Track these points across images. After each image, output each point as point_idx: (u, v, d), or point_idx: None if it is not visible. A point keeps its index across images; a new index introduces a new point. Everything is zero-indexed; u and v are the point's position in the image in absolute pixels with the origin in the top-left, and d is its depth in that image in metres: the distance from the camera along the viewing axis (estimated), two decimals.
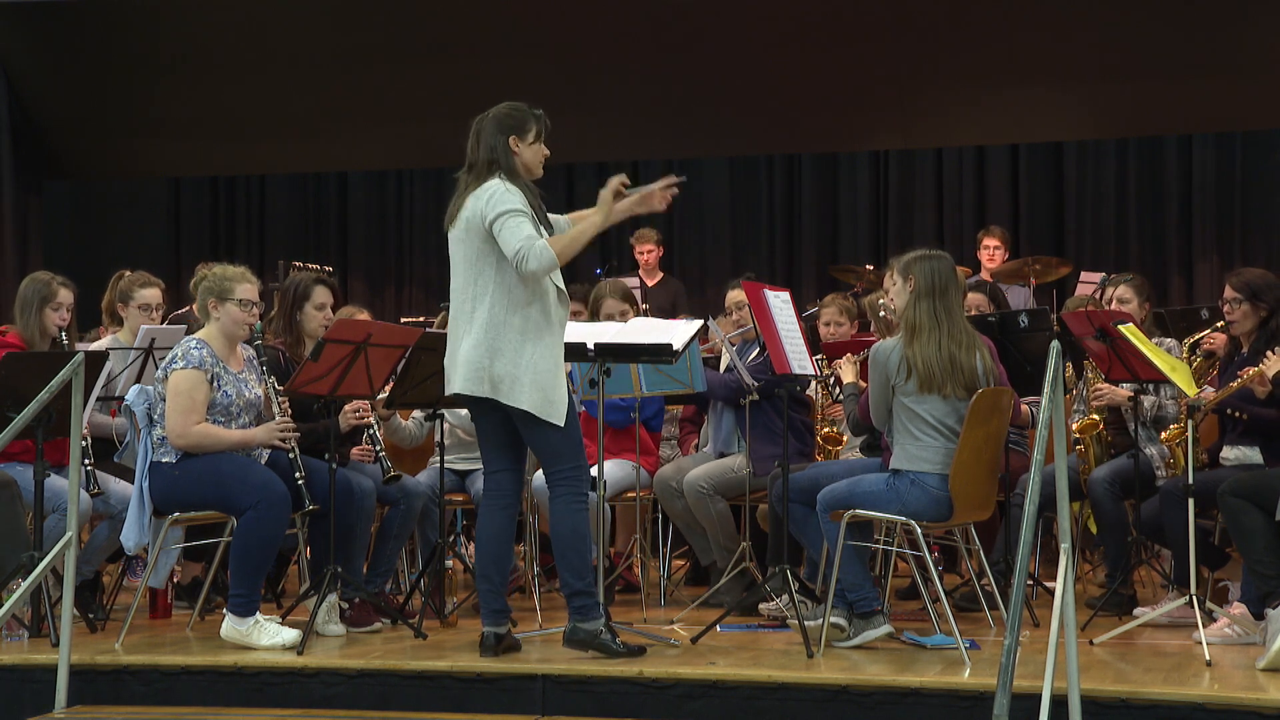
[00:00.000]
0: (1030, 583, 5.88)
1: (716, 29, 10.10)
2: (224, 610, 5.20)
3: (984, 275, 8.97)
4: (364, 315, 6.74)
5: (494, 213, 4.71)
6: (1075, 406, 6.22)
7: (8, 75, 10.57)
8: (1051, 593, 4.40)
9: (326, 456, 5.34)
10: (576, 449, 4.87)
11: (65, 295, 5.86)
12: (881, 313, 6.07)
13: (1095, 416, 5.95)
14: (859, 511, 5.00)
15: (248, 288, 5.35)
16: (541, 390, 4.73)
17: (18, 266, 10.23)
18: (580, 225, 4.86)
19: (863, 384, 5.48)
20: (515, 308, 4.74)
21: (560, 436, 4.82)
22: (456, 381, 4.80)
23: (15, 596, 4.85)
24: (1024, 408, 5.95)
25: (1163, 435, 5.76)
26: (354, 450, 5.74)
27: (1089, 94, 10.29)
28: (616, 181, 4.86)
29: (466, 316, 4.77)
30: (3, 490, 5.34)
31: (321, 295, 5.80)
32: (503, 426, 4.89)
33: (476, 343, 4.73)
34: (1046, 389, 3.96)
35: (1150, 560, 5.87)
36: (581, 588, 4.82)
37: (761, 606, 5.64)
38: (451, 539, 6.26)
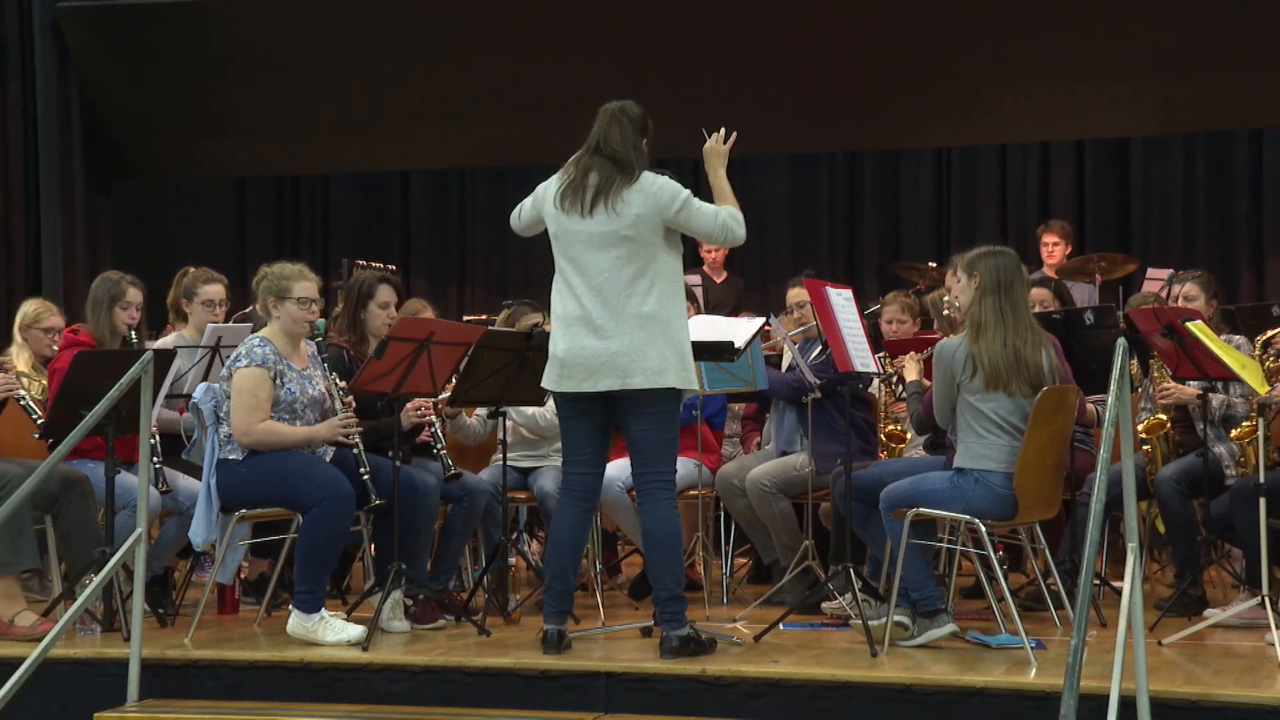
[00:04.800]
0: (1097, 582, 5.81)
1: (777, 27, 10.06)
2: (290, 606, 5.25)
3: (1045, 271, 8.88)
4: (428, 311, 6.78)
5: (678, 203, 4.82)
6: (1142, 405, 6.14)
7: (79, 78, 10.74)
8: (1119, 593, 4.35)
9: (390, 454, 5.38)
10: (675, 454, 4.93)
11: (134, 294, 5.94)
12: (945, 310, 6.03)
13: (1162, 416, 5.88)
14: (922, 510, 4.97)
15: (306, 285, 5.39)
16: (693, 373, 4.89)
17: (89, 266, 10.38)
18: (719, 185, 5.01)
19: (926, 382, 5.45)
20: (678, 298, 4.86)
21: (674, 436, 4.89)
22: (635, 379, 4.73)
23: (88, 591, 4.92)
24: (1089, 406, 5.89)
25: (1233, 433, 5.69)
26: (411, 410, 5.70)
27: (1156, 88, 10.16)
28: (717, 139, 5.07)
29: (630, 311, 4.75)
30: (75, 487, 5.42)
31: (385, 294, 5.85)
32: (606, 426, 4.94)
33: (653, 337, 4.75)
34: (1113, 386, 3.92)
35: (1220, 560, 5.79)
36: (678, 592, 4.84)
37: (824, 605, 5.62)
38: (514, 536, 6.29)
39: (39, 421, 5.48)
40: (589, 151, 4.89)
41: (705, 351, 5.46)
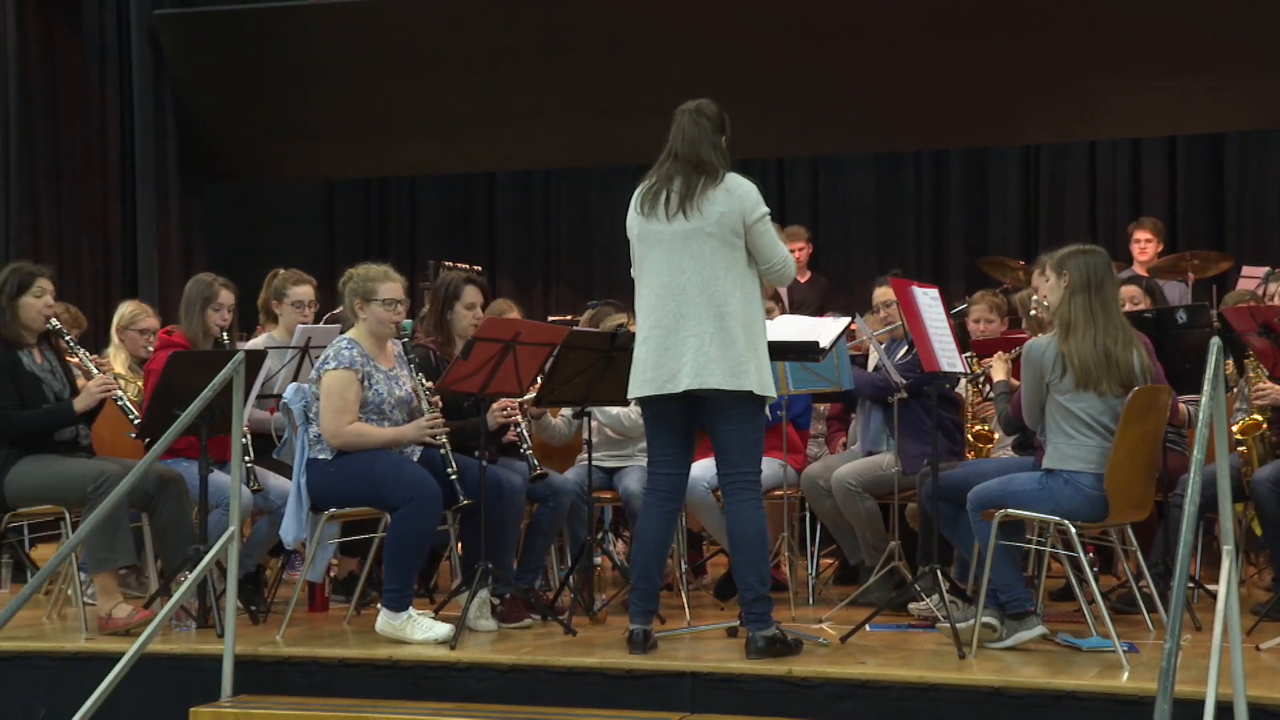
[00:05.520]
0: (1191, 585, 5.71)
1: (861, 24, 10.00)
2: (379, 605, 5.31)
3: (1137, 269, 8.75)
4: (514, 312, 6.82)
5: (758, 213, 4.85)
6: (1237, 405, 6.03)
7: (174, 84, 10.94)
8: (1213, 596, 4.28)
9: (477, 454, 5.42)
10: (760, 454, 4.93)
11: (226, 296, 6.05)
12: (1032, 309, 5.97)
13: (1258, 416, 5.77)
14: (1011, 511, 4.92)
15: (391, 286, 5.45)
16: (770, 377, 4.89)
17: (183, 268, 10.58)
18: None
19: (1014, 382, 5.39)
20: (757, 300, 4.88)
21: (759, 437, 4.90)
22: (713, 378, 4.73)
23: (183, 589, 5.01)
24: (1182, 407, 5.79)
25: None
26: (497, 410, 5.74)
27: (1251, 83, 9.95)
28: None
29: (711, 311, 4.77)
30: (170, 486, 5.52)
31: (471, 295, 5.89)
32: (689, 426, 4.95)
33: (733, 337, 4.76)
34: (1206, 386, 3.86)
35: None
36: (764, 593, 4.84)
37: (911, 606, 5.57)
38: (600, 536, 6.31)
39: (135, 421, 5.59)
40: (669, 157, 4.90)
41: (790, 351, 5.44)
